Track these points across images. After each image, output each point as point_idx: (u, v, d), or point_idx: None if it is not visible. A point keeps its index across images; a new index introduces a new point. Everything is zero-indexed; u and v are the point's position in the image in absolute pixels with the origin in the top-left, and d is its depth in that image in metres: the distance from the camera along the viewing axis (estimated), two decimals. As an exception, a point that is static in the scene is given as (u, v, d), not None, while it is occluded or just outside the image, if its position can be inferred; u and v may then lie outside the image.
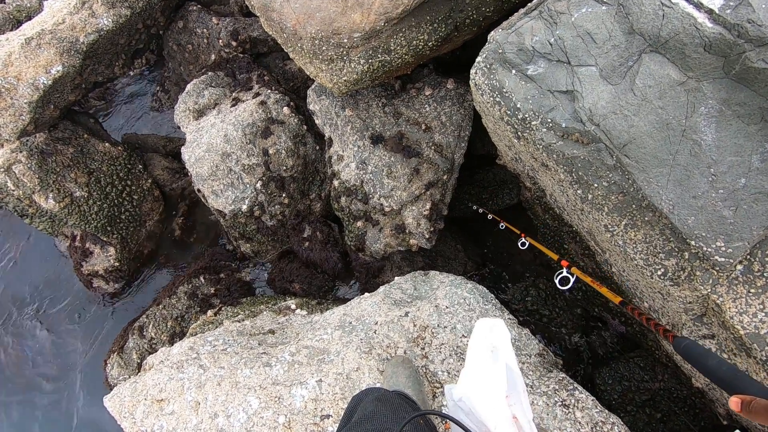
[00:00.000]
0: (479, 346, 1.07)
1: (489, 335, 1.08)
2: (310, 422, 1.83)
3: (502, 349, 1.05)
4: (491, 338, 1.07)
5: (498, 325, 1.10)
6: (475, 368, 1.04)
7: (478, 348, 1.07)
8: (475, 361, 1.06)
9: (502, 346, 1.06)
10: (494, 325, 1.10)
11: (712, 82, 1.44)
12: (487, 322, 1.11)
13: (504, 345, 1.06)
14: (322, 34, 2.32)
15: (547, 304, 2.89)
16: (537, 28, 1.74)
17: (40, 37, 3.23)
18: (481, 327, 1.11)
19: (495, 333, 1.08)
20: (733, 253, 1.46)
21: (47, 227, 3.89)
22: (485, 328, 1.10)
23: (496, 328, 1.09)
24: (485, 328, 1.10)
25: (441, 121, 2.84)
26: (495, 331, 1.09)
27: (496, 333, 1.08)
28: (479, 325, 1.11)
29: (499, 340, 1.07)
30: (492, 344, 1.06)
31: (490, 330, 1.09)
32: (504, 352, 1.05)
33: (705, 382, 2.08)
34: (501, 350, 1.05)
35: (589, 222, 1.94)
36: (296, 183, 3.33)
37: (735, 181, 1.43)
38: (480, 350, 1.06)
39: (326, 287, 3.44)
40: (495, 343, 1.06)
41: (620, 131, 1.57)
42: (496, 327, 1.09)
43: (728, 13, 1.36)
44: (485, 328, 1.10)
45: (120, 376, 3.36)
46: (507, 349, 1.06)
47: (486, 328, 1.10)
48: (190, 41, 4.09)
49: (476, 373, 1.03)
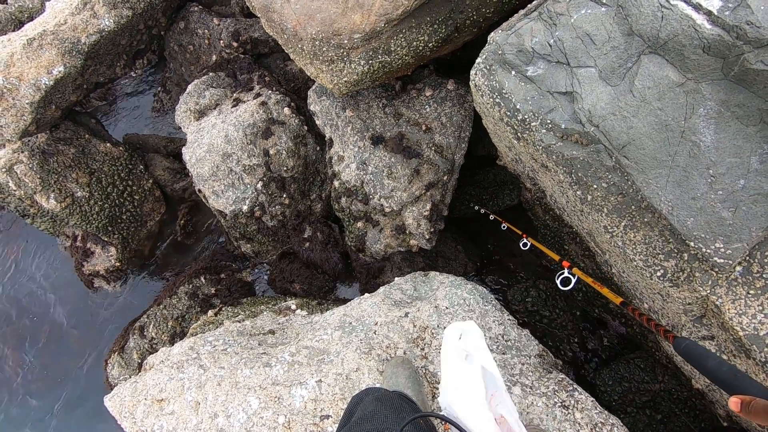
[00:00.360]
0: (450, 354, 1.08)
1: (458, 342, 1.08)
2: (310, 422, 1.83)
3: (475, 352, 1.05)
4: (461, 344, 1.08)
5: (468, 329, 1.10)
6: (451, 376, 1.05)
7: (450, 356, 1.07)
8: (449, 370, 1.06)
9: (475, 348, 1.06)
10: (464, 329, 1.10)
11: (711, 83, 1.44)
12: (455, 327, 1.12)
13: (477, 347, 1.06)
14: (323, 35, 2.33)
15: (548, 305, 2.89)
16: (537, 30, 1.74)
17: (42, 37, 3.24)
18: (450, 334, 1.11)
19: (466, 337, 1.08)
20: (732, 255, 1.46)
21: (48, 227, 3.91)
22: (454, 335, 1.10)
23: (467, 332, 1.09)
24: (454, 334, 1.10)
25: (441, 121, 2.85)
26: (466, 335, 1.09)
27: (467, 337, 1.08)
28: (447, 332, 1.12)
29: (471, 343, 1.07)
30: (463, 349, 1.07)
31: (460, 336, 1.09)
32: (478, 354, 1.05)
33: (705, 384, 2.08)
34: (474, 354, 1.05)
35: (588, 223, 1.94)
36: (297, 183, 3.34)
37: (734, 182, 1.43)
38: (452, 358, 1.07)
39: (326, 288, 3.45)
40: (466, 348, 1.07)
41: (619, 132, 1.58)
42: (467, 331, 1.10)
43: (727, 14, 1.36)
44: (454, 335, 1.10)
45: (120, 376, 3.37)
46: (481, 350, 1.06)
47: (454, 334, 1.10)
48: (191, 42, 4.11)
49: (453, 381, 1.03)
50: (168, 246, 4.15)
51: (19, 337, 4.11)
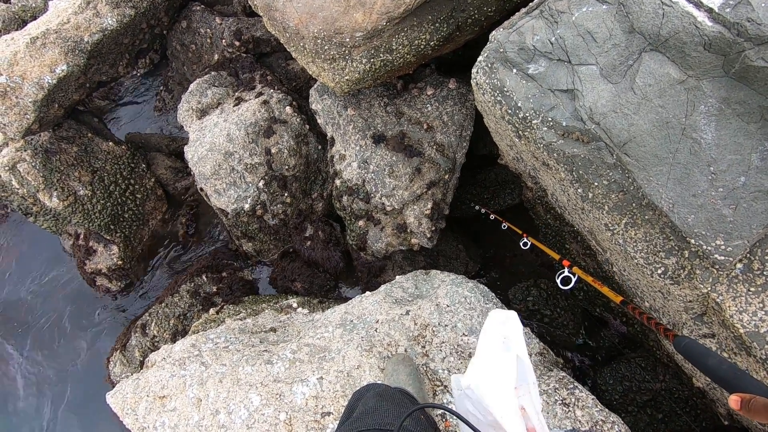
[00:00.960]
0: (491, 336, 1.07)
1: (502, 326, 1.08)
2: (311, 419, 1.84)
3: (514, 340, 1.05)
4: (504, 329, 1.07)
5: (512, 317, 1.09)
6: (485, 357, 1.04)
7: (490, 337, 1.07)
8: (486, 351, 1.05)
9: (515, 337, 1.05)
10: (508, 316, 1.10)
11: (711, 80, 1.44)
12: (501, 313, 1.11)
13: (516, 337, 1.06)
14: (325, 34, 2.33)
15: (548, 304, 2.89)
16: (538, 28, 1.75)
17: (45, 36, 3.26)
18: (495, 317, 1.10)
19: (508, 324, 1.08)
20: (732, 252, 1.46)
21: (51, 226, 3.92)
22: (499, 319, 1.09)
23: (510, 320, 1.09)
24: (499, 318, 1.09)
25: (443, 120, 2.85)
26: (508, 323, 1.08)
27: (509, 324, 1.08)
28: (493, 315, 1.11)
29: (512, 331, 1.06)
30: (504, 335, 1.06)
31: (504, 321, 1.09)
32: (516, 343, 1.04)
33: (706, 382, 2.08)
34: (513, 341, 1.05)
35: (589, 221, 1.94)
36: (298, 182, 3.34)
37: (735, 179, 1.44)
38: (492, 340, 1.06)
39: (328, 286, 3.45)
40: (507, 334, 1.06)
41: (620, 130, 1.58)
42: (510, 318, 1.09)
43: (728, 11, 1.36)
44: (499, 319, 1.09)
45: (122, 374, 3.38)
46: (519, 340, 1.05)
47: (500, 318, 1.10)
48: (193, 41, 4.12)
49: (486, 363, 1.03)
50: (170, 244, 4.16)
51: (21, 336, 4.13)
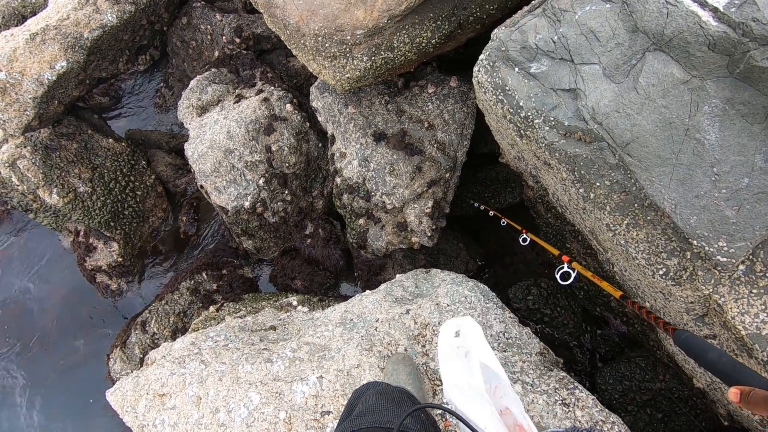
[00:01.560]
0: (447, 352, 1.07)
1: (455, 339, 1.08)
2: (311, 418, 1.84)
3: (473, 347, 1.05)
4: (458, 341, 1.07)
5: (465, 325, 1.09)
6: (449, 374, 1.04)
7: (446, 354, 1.07)
8: (448, 365, 1.06)
9: (473, 343, 1.05)
10: (460, 325, 1.10)
11: (716, 80, 1.43)
12: (451, 324, 1.11)
13: (475, 341, 1.06)
14: (325, 31, 2.32)
15: (549, 303, 2.88)
16: (540, 26, 1.73)
17: (45, 32, 3.24)
18: (445, 331, 1.10)
19: (464, 334, 1.08)
20: (735, 253, 1.45)
21: (51, 222, 3.91)
22: (449, 332, 1.10)
23: (464, 328, 1.09)
24: (449, 331, 1.10)
25: (444, 119, 2.84)
26: (463, 332, 1.08)
27: (464, 334, 1.08)
28: (443, 329, 1.11)
29: (470, 339, 1.06)
30: (460, 346, 1.06)
31: (456, 333, 1.09)
32: (477, 349, 1.04)
33: (706, 383, 2.08)
34: (472, 347, 1.05)
35: (591, 221, 1.93)
36: (299, 180, 3.33)
37: (738, 180, 1.43)
38: (448, 356, 1.06)
39: (328, 284, 3.45)
40: (463, 344, 1.06)
41: (623, 130, 1.57)
42: (464, 327, 1.09)
43: (733, 11, 1.35)
44: (449, 332, 1.10)
45: (122, 371, 3.38)
46: (480, 345, 1.05)
47: (450, 331, 1.10)
48: (193, 38, 4.10)
49: (452, 377, 1.03)
50: (170, 242, 4.16)
51: (21, 333, 4.13)
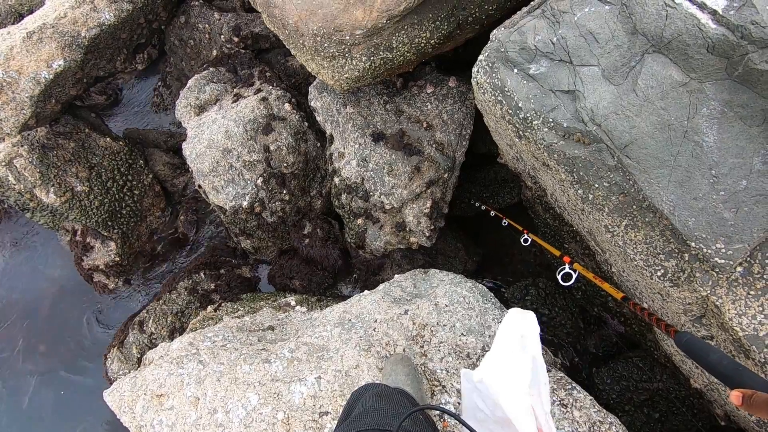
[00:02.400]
0: (509, 334, 1.07)
1: (519, 325, 1.08)
2: (309, 419, 1.84)
3: (530, 340, 1.06)
4: (522, 328, 1.07)
5: (530, 318, 1.10)
6: (501, 354, 1.05)
7: (508, 335, 1.07)
8: (502, 348, 1.06)
9: (531, 337, 1.06)
10: (526, 316, 1.10)
11: (714, 83, 1.43)
12: (519, 312, 1.11)
13: (533, 337, 1.06)
14: (324, 31, 2.32)
15: (547, 303, 2.89)
16: (540, 27, 1.73)
17: (42, 31, 3.22)
18: (514, 315, 1.11)
19: (526, 324, 1.08)
20: (733, 255, 1.46)
21: (48, 221, 3.90)
22: (517, 318, 1.10)
23: (528, 320, 1.09)
24: (517, 317, 1.10)
25: (442, 119, 2.84)
26: (526, 323, 1.09)
27: (527, 324, 1.08)
28: (512, 313, 1.12)
29: (529, 331, 1.07)
30: (521, 334, 1.07)
31: (522, 320, 1.09)
32: (532, 343, 1.05)
33: (704, 383, 2.09)
34: (529, 341, 1.05)
35: (589, 222, 1.94)
36: (297, 180, 3.33)
37: (736, 183, 1.43)
38: (509, 338, 1.06)
39: (326, 284, 3.45)
40: (524, 334, 1.07)
41: (622, 132, 1.57)
42: (528, 318, 1.10)
43: (732, 14, 1.35)
44: (517, 318, 1.10)
45: (120, 371, 3.38)
46: (535, 341, 1.06)
47: (518, 317, 1.10)
48: (191, 36, 4.08)
49: (502, 360, 1.03)
50: (167, 241, 4.15)
51: (18, 332, 4.11)
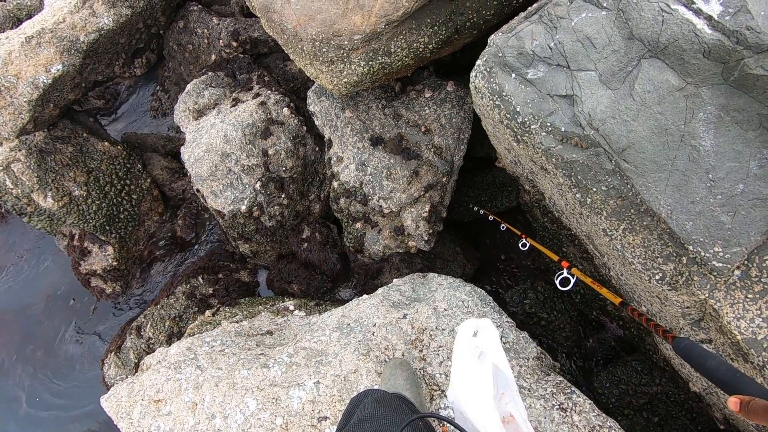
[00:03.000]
0: (463, 349, 1.08)
1: (472, 339, 1.08)
2: (308, 424, 1.83)
3: (488, 350, 1.06)
4: (475, 341, 1.08)
5: (483, 326, 1.10)
6: (461, 371, 1.05)
7: (462, 352, 1.08)
8: (460, 364, 1.06)
9: (489, 346, 1.06)
10: (479, 325, 1.10)
11: (710, 88, 1.44)
12: (470, 324, 1.11)
13: (491, 345, 1.06)
14: (323, 36, 2.32)
15: (545, 307, 2.89)
16: (537, 32, 1.74)
17: (41, 35, 3.23)
18: (464, 330, 1.11)
19: (480, 335, 1.09)
20: (730, 259, 1.46)
21: (46, 226, 3.88)
22: (469, 330, 1.10)
23: (482, 330, 1.09)
24: (469, 329, 1.10)
25: (441, 123, 2.85)
26: (481, 333, 1.09)
27: (481, 334, 1.08)
28: (462, 328, 1.12)
29: (485, 341, 1.07)
30: (476, 347, 1.07)
31: (474, 333, 1.09)
32: (491, 352, 1.05)
33: (702, 387, 2.09)
34: (488, 351, 1.05)
35: (587, 226, 1.94)
36: (295, 184, 3.33)
37: (733, 186, 1.44)
38: (464, 354, 1.07)
39: (325, 288, 3.44)
40: (480, 345, 1.07)
41: (619, 136, 1.58)
42: (482, 328, 1.10)
43: (727, 19, 1.37)
44: (469, 330, 1.10)
45: (117, 376, 3.36)
46: (495, 348, 1.06)
47: (468, 331, 1.10)
48: (190, 41, 4.09)
49: (462, 376, 1.04)
50: (165, 246, 4.14)
51: (15, 337, 4.09)
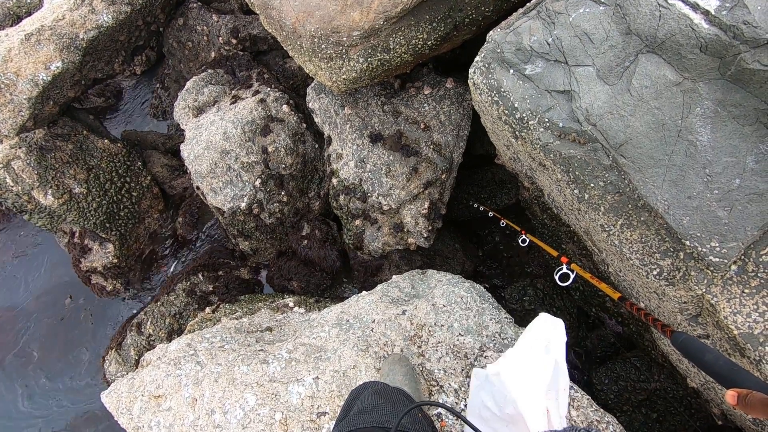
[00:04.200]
0: (536, 336, 1.09)
1: (547, 330, 1.10)
2: (307, 419, 1.84)
3: (556, 346, 1.07)
4: (549, 333, 1.09)
5: (559, 325, 1.12)
6: (524, 353, 1.07)
7: (534, 337, 1.09)
8: (526, 348, 1.08)
9: (558, 343, 1.08)
10: (555, 323, 1.12)
11: (707, 83, 1.45)
12: (549, 318, 1.13)
13: (559, 343, 1.08)
14: (322, 33, 2.33)
15: (545, 303, 2.90)
16: (535, 28, 1.74)
17: (40, 33, 3.23)
18: (544, 319, 1.13)
19: (554, 330, 1.10)
20: (727, 254, 1.47)
21: (46, 223, 3.89)
22: (547, 322, 1.12)
23: (557, 327, 1.11)
24: (547, 321, 1.12)
25: (440, 120, 2.85)
26: (555, 329, 1.10)
27: (555, 330, 1.10)
28: (541, 317, 1.14)
29: (556, 337, 1.09)
30: (548, 338, 1.08)
31: (551, 326, 1.11)
32: (557, 349, 1.07)
33: (700, 382, 2.09)
34: (555, 347, 1.07)
35: (585, 222, 1.95)
36: (295, 181, 3.34)
37: (730, 181, 1.44)
38: (535, 340, 1.09)
39: (324, 285, 3.45)
40: (551, 339, 1.08)
41: (617, 131, 1.58)
42: (557, 325, 1.12)
43: (724, 14, 1.37)
44: (547, 322, 1.12)
45: (118, 373, 3.37)
46: (561, 348, 1.08)
47: (547, 322, 1.12)
48: (190, 38, 4.10)
49: (524, 358, 1.05)
50: (166, 243, 4.15)
51: (16, 335, 4.10)
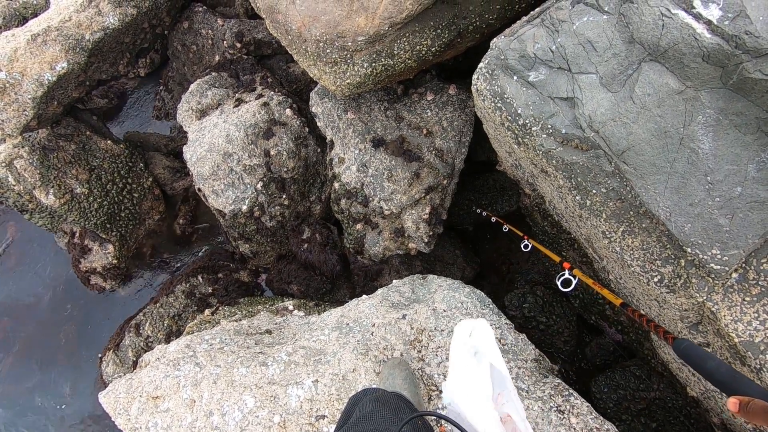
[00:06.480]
0: (460, 349, 1.08)
1: (468, 339, 1.08)
2: (305, 422, 1.83)
3: (485, 350, 1.05)
4: (472, 341, 1.08)
5: (479, 326, 1.10)
6: (458, 372, 1.05)
7: (459, 352, 1.07)
8: (457, 365, 1.06)
9: (485, 346, 1.06)
10: (475, 326, 1.10)
11: (710, 91, 1.46)
12: (467, 324, 1.11)
13: (487, 345, 1.06)
14: (327, 37, 2.35)
15: (545, 311, 2.89)
16: (539, 36, 1.76)
17: (46, 33, 3.25)
18: (461, 330, 1.11)
19: (476, 335, 1.08)
20: (728, 261, 1.47)
21: (47, 223, 3.89)
22: (465, 331, 1.10)
23: (478, 330, 1.09)
24: (465, 330, 1.10)
25: (442, 126, 2.87)
26: (476, 333, 1.09)
27: (477, 335, 1.08)
28: (459, 327, 1.12)
29: (482, 341, 1.07)
30: (473, 347, 1.07)
31: (470, 333, 1.09)
32: (487, 352, 1.05)
33: (700, 392, 2.09)
34: (484, 351, 1.05)
35: (587, 228, 1.95)
36: (297, 184, 3.34)
37: (731, 189, 1.45)
38: (461, 354, 1.07)
39: (324, 289, 3.45)
40: (476, 345, 1.07)
41: (619, 138, 1.59)
42: (478, 328, 1.09)
43: (726, 24, 1.38)
44: (465, 331, 1.10)
45: (115, 374, 3.35)
46: (491, 348, 1.05)
47: (465, 331, 1.10)
48: (194, 42, 4.12)
49: (460, 377, 1.03)
50: (166, 244, 4.14)
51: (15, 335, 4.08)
